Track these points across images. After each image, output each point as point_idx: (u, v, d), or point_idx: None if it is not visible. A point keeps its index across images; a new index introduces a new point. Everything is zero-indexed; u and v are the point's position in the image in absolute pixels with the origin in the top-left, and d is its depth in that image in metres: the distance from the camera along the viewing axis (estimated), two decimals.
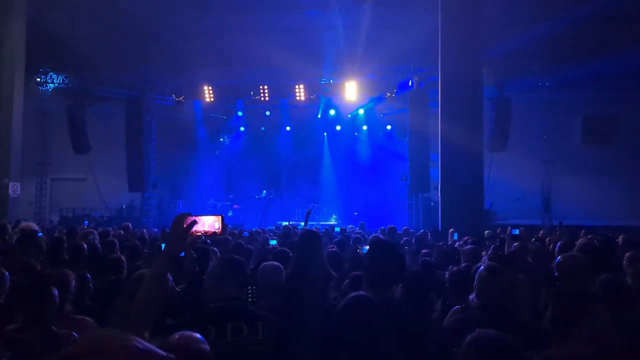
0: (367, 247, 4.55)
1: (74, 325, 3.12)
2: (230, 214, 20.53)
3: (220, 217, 2.31)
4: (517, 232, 8.00)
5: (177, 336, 1.79)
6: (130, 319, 2.06)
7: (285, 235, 8.78)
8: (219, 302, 2.83)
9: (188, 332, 1.83)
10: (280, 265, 4.00)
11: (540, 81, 17.98)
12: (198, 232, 2.21)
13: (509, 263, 4.68)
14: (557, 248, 5.49)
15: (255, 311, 2.93)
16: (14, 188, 15.05)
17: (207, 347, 1.81)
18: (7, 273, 2.92)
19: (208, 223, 2.26)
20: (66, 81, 19.96)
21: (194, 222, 2.16)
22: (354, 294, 2.53)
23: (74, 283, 3.60)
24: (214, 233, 2.31)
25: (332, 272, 4.83)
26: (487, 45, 14.56)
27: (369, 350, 2.29)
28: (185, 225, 2.15)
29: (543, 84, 17.98)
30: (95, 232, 7.58)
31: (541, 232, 10.69)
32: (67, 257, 5.97)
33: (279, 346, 2.75)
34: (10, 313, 3.07)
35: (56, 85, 19.98)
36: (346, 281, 4.23)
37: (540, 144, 18.12)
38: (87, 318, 3.48)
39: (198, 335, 1.84)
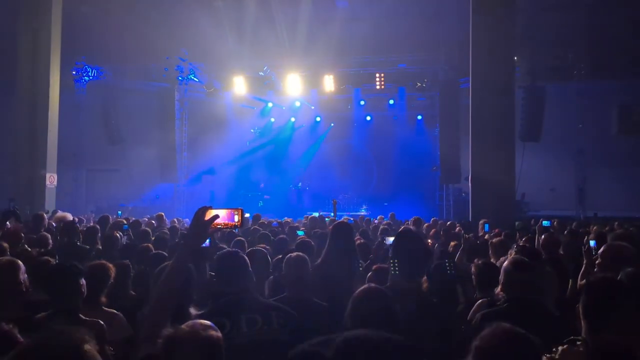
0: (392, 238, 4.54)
1: (103, 319, 3.22)
2: (260, 204, 20.70)
3: (239, 210, 2.34)
4: (548, 223, 7.82)
5: (187, 324, 1.83)
6: (151, 309, 2.12)
7: (311, 225, 8.83)
8: (230, 295, 2.84)
9: (199, 320, 1.87)
10: (306, 257, 4.02)
11: (575, 69, 17.48)
12: (218, 224, 2.25)
13: (537, 255, 4.60)
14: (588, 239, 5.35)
15: (266, 301, 2.98)
16: (51, 179, 15.49)
17: (217, 333, 1.86)
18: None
19: (228, 216, 2.30)
20: (100, 74, 20.37)
21: (216, 217, 2.20)
22: (362, 287, 2.53)
23: (112, 275, 3.68)
24: (234, 226, 2.35)
25: (363, 263, 4.84)
26: (520, 33, 14.23)
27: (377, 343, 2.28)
28: (206, 219, 2.19)
29: (578, 71, 17.47)
30: (125, 222, 7.75)
31: (574, 224, 10.45)
32: (100, 247, 6.14)
33: (293, 334, 2.77)
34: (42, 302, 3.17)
35: (90, 78, 20.41)
36: (370, 274, 4.23)
37: (575, 133, 17.67)
38: (118, 313, 3.54)
39: (208, 323, 1.88)
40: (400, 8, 16.55)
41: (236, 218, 2.32)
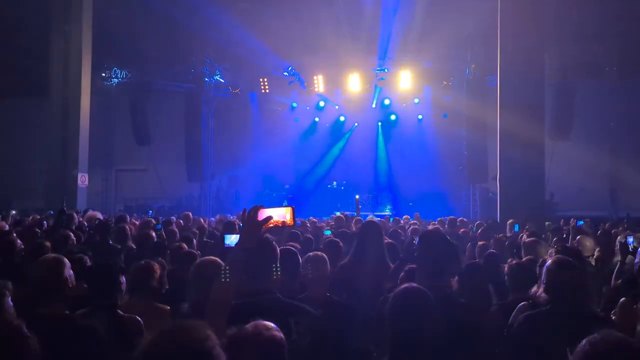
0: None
1: (154, 312, 3.33)
2: (285, 203, 20.75)
3: (291, 208, 2.34)
4: (582, 223, 7.67)
5: (251, 325, 1.84)
6: (208, 312, 2.13)
7: (337, 225, 8.82)
8: (249, 297, 2.60)
9: (262, 321, 1.86)
10: (325, 256, 4.00)
11: (607, 65, 17.08)
12: (270, 223, 2.25)
13: (578, 256, 4.49)
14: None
15: (286, 305, 2.70)
16: (82, 179, 15.78)
17: (280, 334, 1.85)
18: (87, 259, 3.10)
19: (279, 214, 2.29)
20: (129, 76, 20.70)
21: (270, 217, 2.20)
22: (403, 285, 2.52)
23: (158, 273, 3.78)
24: (283, 223, 2.33)
25: (390, 263, 4.81)
26: (549, 29, 13.97)
27: (418, 342, 2.29)
28: (259, 219, 2.19)
29: (610, 68, 17.07)
30: (153, 221, 7.86)
31: (607, 224, 10.22)
32: (133, 245, 6.21)
33: (314, 341, 2.59)
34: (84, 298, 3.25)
35: (119, 80, 20.76)
36: (402, 274, 4.20)
37: (606, 132, 17.27)
38: (167, 307, 3.62)
39: (272, 324, 1.87)
40: (426, 5, 16.37)
41: (288, 216, 2.32)
